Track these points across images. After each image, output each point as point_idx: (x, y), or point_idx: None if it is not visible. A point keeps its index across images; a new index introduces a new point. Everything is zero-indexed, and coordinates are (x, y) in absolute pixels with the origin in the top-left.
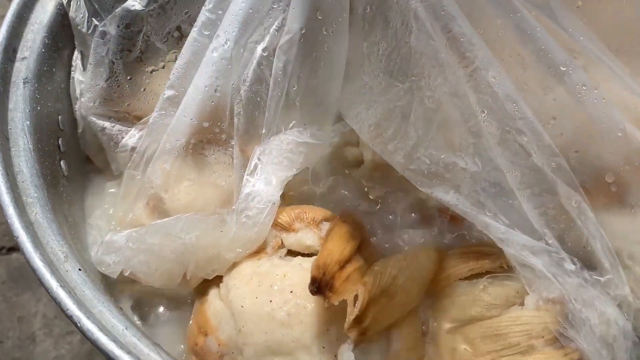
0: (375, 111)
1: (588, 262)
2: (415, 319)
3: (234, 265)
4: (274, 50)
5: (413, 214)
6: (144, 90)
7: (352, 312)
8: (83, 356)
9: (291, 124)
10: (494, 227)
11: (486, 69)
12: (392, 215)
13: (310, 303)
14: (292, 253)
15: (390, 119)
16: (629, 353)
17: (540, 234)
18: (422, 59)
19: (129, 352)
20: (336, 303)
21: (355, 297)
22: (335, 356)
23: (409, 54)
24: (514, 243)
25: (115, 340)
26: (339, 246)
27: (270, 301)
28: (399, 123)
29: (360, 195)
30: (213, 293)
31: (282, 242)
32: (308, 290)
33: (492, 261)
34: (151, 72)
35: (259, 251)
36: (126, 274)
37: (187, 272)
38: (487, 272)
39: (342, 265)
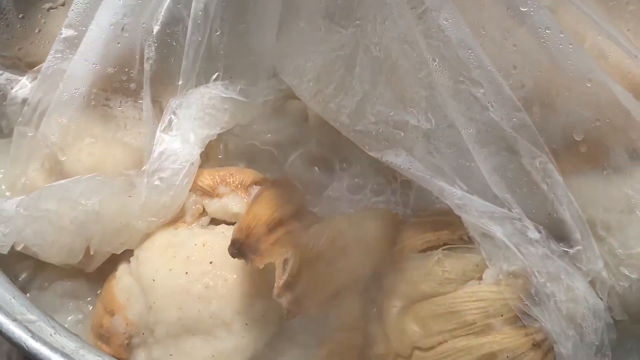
0: (314, 63)
1: (556, 232)
2: (358, 296)
3: (147, 236)
4: None
5: (365, 178)
6: (39, 31)
7: (279, 276)
8: None
9: (215, 76)
10: (449, 192)
11: (438, 9)
12: (340, 179)
13: (232, 274)
14: (216, 222)
15: (331, 72)
16: (600, 334)
17: (501, 199)
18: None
19: (14, 320)
20: (261, 266)
21: (286, 261)
22: (261, 335)
23: None
24: (472, 209)
25: (7, 314)
26: (267, 209)
27: (186, 273)
28: (342, 76)
29: (303, 157)
30: (122, 268)
31: (204, 209)
32: (230, 261)
33: (451, 232)
34: (48, 9)
35: (177, 220)
36: (18, 248)
37: (91, 245)
38: (445, 244)
39: (271, 228)
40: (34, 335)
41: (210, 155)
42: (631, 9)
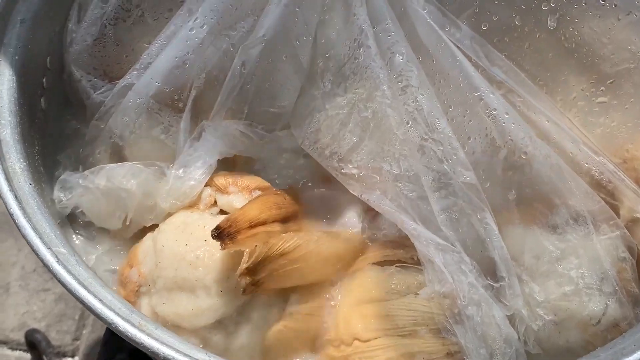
0: (318, 119)
1: (486, 268)
2: (320, 290)
3: (170, 214)
4: (241, 47)
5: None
6: (126, 57)
7: (244, 262)
8: (54, 316)
9: (240, 116)
10: (408, 223)
11: (417, 86)
12: (335, 204)
13: (217, 252)
14: (223, 213)
15: (330, 126)
16: (507, 358)
17: (446, 235)
18: (366, 73)
19: (49, 249)
20: (231, 251)
21: (253, 251)
22: (232, 302)
23: (357, 68)
24: (423, 239)
25: (45, 243)
26: (257, 209)
27: (186, 244)
28: (338, 129)
29: (315, 178)
30: (148, 235)
31: (215, 201)
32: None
33: (405, 252)
34: (147, 43)
35: (194, 205)
36: (77, 211)
37: (127, 217)
38: (399, 261)
39: (254, 225)
40: (58, 261)
41: (237, 162)
42: (580, 104)
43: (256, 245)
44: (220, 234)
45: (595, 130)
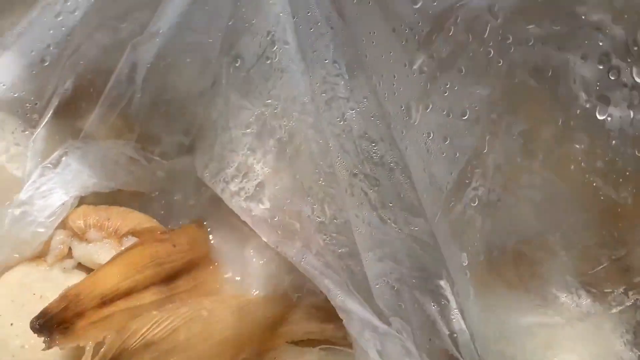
0: (222, 140)
1: None
2: None
3: (7, 269)
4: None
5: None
6: None
7: None
8: None
9: (130, 136)
10: (334, 293)
11: (346, 97)
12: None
13: None
14: (86, 268)
15: (235, 151)
16: None
17: (385, 312)
18: (282, 79)
19: None
20: (63, 349)
21: (99, 346)
22: None
23: (269, 72)
24: (356, 318)
25: None
26: (119, 274)
27: (12, 324)
28: (245, 156)
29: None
30: None
31: (71, 251)
32: None
33: (336, 327)
34: None
35: (41, 256)
36: None
37: None
38: (327, 341)
39: (107, 300)
40: None
41: (121, 197)
42: None
43: (105, 336)
44: (45, 324)
45: None
